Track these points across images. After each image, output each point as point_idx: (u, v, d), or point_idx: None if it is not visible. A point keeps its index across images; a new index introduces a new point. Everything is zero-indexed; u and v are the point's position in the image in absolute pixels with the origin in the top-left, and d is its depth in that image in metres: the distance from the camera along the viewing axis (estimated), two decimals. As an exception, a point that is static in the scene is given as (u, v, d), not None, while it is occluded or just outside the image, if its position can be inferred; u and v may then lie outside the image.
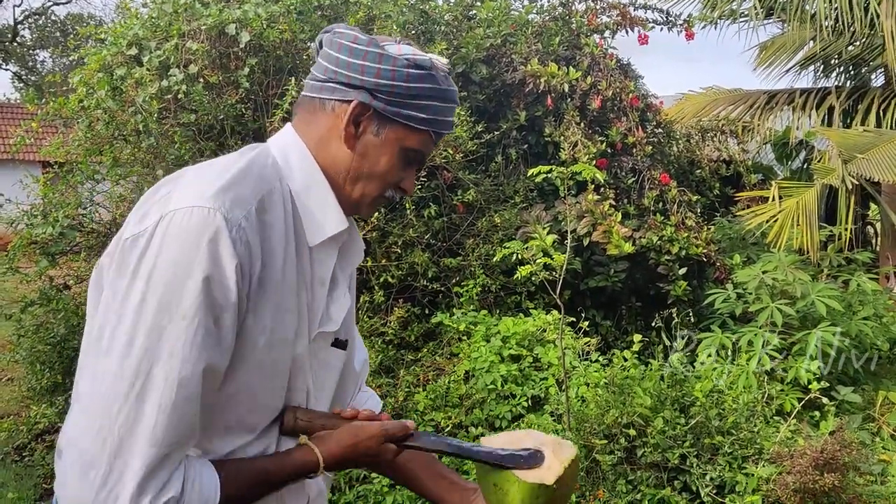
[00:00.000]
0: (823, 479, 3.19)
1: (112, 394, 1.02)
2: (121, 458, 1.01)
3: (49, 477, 4.43)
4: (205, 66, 4.61)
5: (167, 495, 1.03)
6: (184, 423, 1.05)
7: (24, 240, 4.70)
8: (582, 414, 3.71)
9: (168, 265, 1.05)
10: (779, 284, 4.74)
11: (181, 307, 1.04)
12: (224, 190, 1.11)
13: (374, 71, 1.21)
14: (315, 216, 1.24)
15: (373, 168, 1.26)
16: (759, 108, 8.32)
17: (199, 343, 1.04)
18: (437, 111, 1.27)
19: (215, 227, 1.06)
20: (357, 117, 1.23)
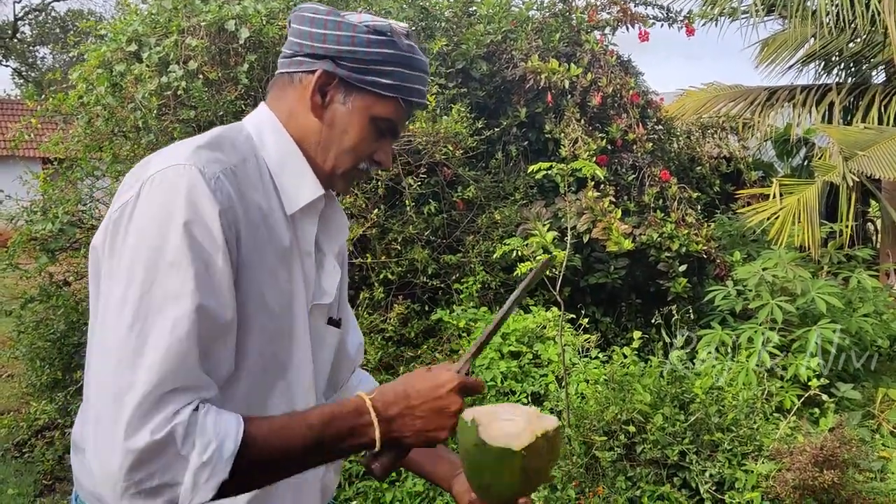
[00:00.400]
0: (823, 476, 3.19)
1: (113, 346, 1.04)
2: (122, 403, 1.01)
3: (48, 473, 4.44)
4: (204, 62, 4.61)
5: (173, 422, 1.02)
6: (186, 365, 1.05)
7: (24, 236, 4.71)
8: (581, 411, 3.71)
9: (151, 219, 1.08)
10: (779, 281, 4.73)
11: (168, 255, 1.06)
12: (198, 150, 1.15)
13: (335, 38, 1.24)
14: (291, 185, 1.26)
15: (342, 137, 1.28)
16: (759, 105, 8.31)
17: (189, 288, 1.06)
18: (402, 77, 1.27)
19: (192, 178, 1.10)
20: (323, 86, 1.26)
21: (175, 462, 1.01)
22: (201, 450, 1.03)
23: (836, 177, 6.15)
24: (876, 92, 8.03)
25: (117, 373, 1.03)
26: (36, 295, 4.95)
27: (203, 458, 1.02)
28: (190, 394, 1.05)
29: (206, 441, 1.03)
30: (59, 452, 4.51)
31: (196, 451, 1.02)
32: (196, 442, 1.03)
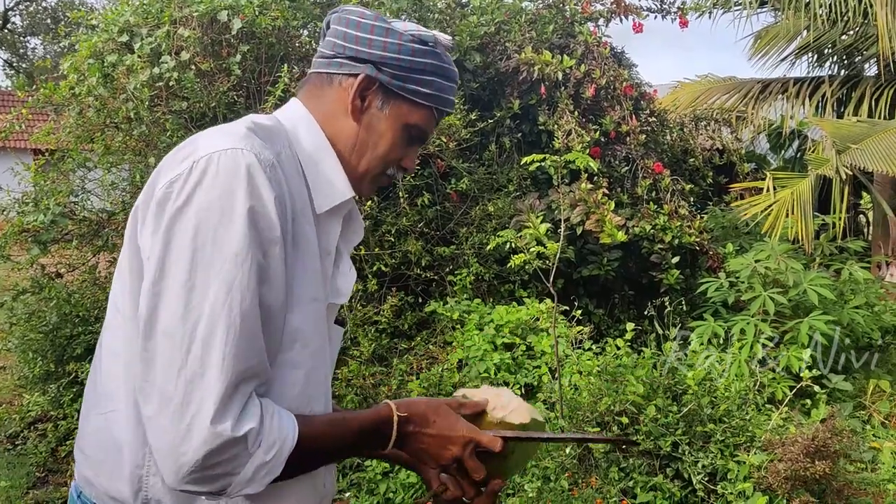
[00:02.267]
0: (814, 467, 3.20)
1: (180, 331, 1.05)
2: (196, 389, 1.03)
3: (41, 465, 4.43)
4: (196, 53, 4.58)
5: (249, 424, 1.06)
6: (252, 355, 1.08)
7: (16, 228, 4.68)
8: (575, 402, 3.72)
9: (211, 204, 1.07)
10: (771, 273, 4.75)
11: (232, 242, 1.06)
12: (250, 135, 1.15)
13: (381, 44, 1.25)
14: (323, 183, 1.26)
15: (377, 142, 1.29)
16: (753, 98, 8.32)
17: (254, 278, 1.07)
18: (439, 88, 1.30)
19: (249, 163, 1.10)
20: (363, 91, 1.27)
21: (242, 457, 1.06)
22: (266, 449, 1.08)
23: (830, 170, 6.17)
24: (868, 85, 8.05)
25: (189, 360, 1.04)
26: (28, 287, 4.93)
27: (267, 457, 1.08)
28: (255, 380, 1.10)
29: (271, 442, 1.08)
30: (51, 444, 4.50)
31: (262, 450, 1.07)
32: (263, 442, 1.08)
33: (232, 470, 1.06)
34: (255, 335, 1.08)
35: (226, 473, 1.06)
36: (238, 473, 1.06)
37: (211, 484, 1.06)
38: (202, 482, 1.05)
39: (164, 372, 1.05)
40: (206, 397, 1.03)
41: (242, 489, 1.08)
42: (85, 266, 5.30)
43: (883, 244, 7.56)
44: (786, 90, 8.36)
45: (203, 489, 1.07)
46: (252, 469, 1.07)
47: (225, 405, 1.04)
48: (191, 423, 1.02)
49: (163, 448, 1.05)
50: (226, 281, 1.05)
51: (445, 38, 1.32)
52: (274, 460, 1.09)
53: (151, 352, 1.07)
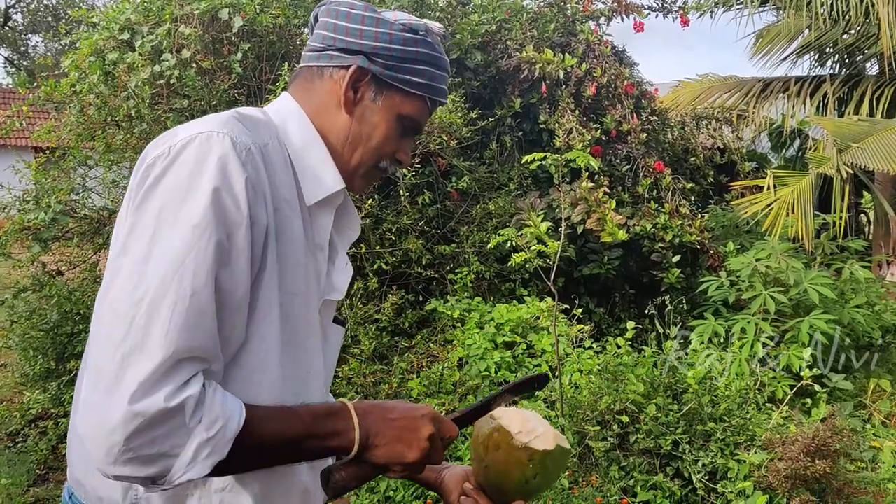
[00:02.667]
0: (815, 466, 3.21)
1: (125, 304, 1.00)
2: (130, 363, 0.97)
3: (42, 462, 4.44)
4: (197, 51, 4.59)
5: (185, 393, 0.99)
6: (199, 334, 1.02)
7: (17, 225, 4.69)
8: (575, 401, 3.72)
9: (179, 181, 1.05)
10: (772, 272, 4.75)
11: (192, 217, 1.03)
12: (228, 121, 1.13)
13: (372, 35, 1.24)
14: (312, 175, 1.24)
15: (370, 134, 1.28)
16: (754, 97, 8.31)
17: (210, 254, 1.03)
18: (431, 77, 1.29)
19: (224, 145, 1.08)
20: (355, 82, 1.25)
21: (179, 433, 0.99)
22: (207, 425, 1.01)
23: (830, 168, 6.16)
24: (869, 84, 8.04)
25: (131, 331, 0.99)
26: (28, 285, 4.93)
27: (209, 433, 1.01)
28: (200, 363, 1.04)
29: (213, 417, 1.02)
30: (52, 442, 4.51)
31: (202, 425, 1.00)
32: (203, 417, 1.01)
33: (169, 449, 0.98)
34: (206, 314, 1.02)
35: (162, 454, 0.98)
36: (177, 455, 0.99)
37: (147, 466, 0.98)
38: (136, 464, 0.97)
39: (103, 347, 1.00)
40: (141, 369, 0.97)
41: (184, 473, 1.00)
42: (86, 264, 5.30)
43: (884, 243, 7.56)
44: (787, 89, 8.35)
45: (139, 473, 0.98)
46: (193, 448, 0.99)
47: (160, 378, 0.97)
48: (119, 398, 0.95)
49: (91, 427, 0.97)
50: (178, 254, 1.01)
51: (437, 27, 1.31)
52: (218, 437, 1.01)
53: (97, 327, 1.03)
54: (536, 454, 1.31)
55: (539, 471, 1.32)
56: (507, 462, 1.33)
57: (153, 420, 0.96)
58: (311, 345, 1.24)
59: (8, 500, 4.05)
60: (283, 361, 1.17)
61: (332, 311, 1.35)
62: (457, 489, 1.43)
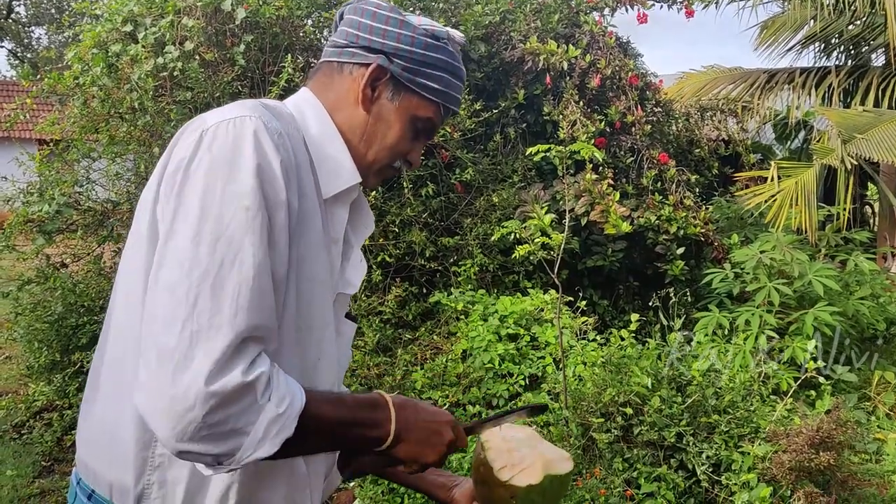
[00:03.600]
0: (819, 458, 3.21)
1: (186, 284, 1.01)
2: (201, 340, 0.98)
3: (47, 454, 4.46)
4: (200, 43, 4.58)
5: (258, 369, 1.01)
6: (263, 312, 1.04)
7: (21, 218, 4.69)
8: (579, 393, 3.72)
9: (219, 164, 1.06)
10: (776, 264, 4.74)
11: (241, 197, 1.04)
12: (256, 108, 1.14)
13: (395, 36, 1.26)
14: (330, 168, 1.26)
15: (385, 132, 1.30)
16: (759, 88, 8.28)
17: (265, 235, 1.05)
18: (447, 84, 1.31)
19: (256, 127, 1.09)
20: (374, 80, 1.27)
21: (252, 409, 1.00)
22: (277, 402, 1.02)
23: (835, 160, 6.14)
24: (875, 75, 8.01)
25: (196, 311, 0.99)
26: (33, 277, 4.94)
27: (279, 409, 1.02)
28: (263, 343, 1.05)
29: (281, 394, 1.03)
30: (57, 434, 4.52)
31: (273, 402, 1.02)
32: (273, 394, 1.02)
33: (243, 426, 0.99)
34: (266, 294, 1.04)
35: (235, 430, 0.99)
36: (249, 432, 1.00)
37: (220, 443, 0.99)
38: (210, 441, 0.98)
39: (165, 327, 0.99)
40: (214, 348, 0.98)
41: (254, 451, 1.01)
42: (90, 256, 5.31)
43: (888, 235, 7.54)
44: (792, 80, 8.32)
45: (211, 450, 0.99)
46: (264, 424, 1.01)
47: (234, 355, 0.99)
48: (194, 377, 0.96)
49: (160, 407, 0.97)
50: (236, 234, 1.02)
51: (459, 36, 1.33)
52: (287, 413, 1.03)
53: (152, 309, 1.03)
54: (519, 491, 1.28)
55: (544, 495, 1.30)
56: (492, 497, 1.33)
57: (230, 396, 0.98)
58: (324, 335, 1.25)
59: (13, 491, 4.07)
60: (296, 349, 1.18)
61: (346, 306, 1.36)
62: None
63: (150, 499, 1.15)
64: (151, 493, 1.15)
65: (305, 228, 1.16)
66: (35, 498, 4.05)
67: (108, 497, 1.19)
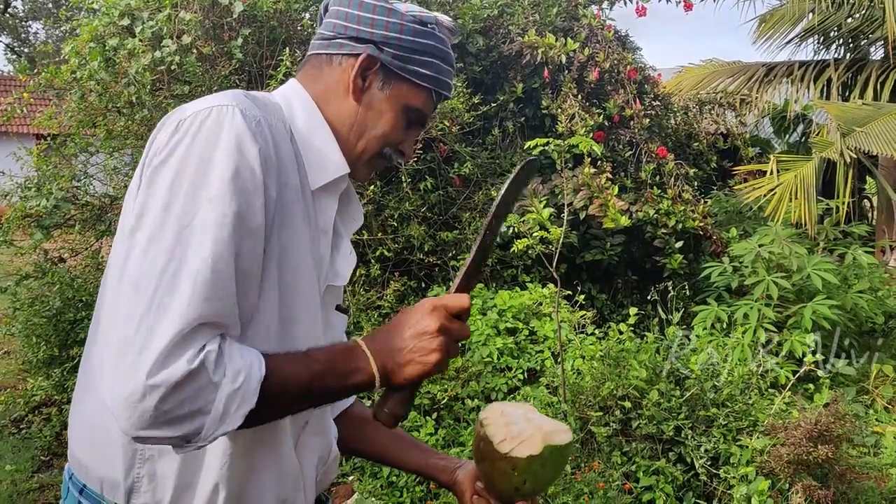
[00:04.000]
0: (817, 451, 3.21)
1: (146, 277, 1.01)
2: (156, 333, 0.98)
3: (46, 449, 4.46)
4: (198, 36, 4.56)
5: (205, 351, 1.00)
6: (220, 300, 1.03)
7: (19, 212, 4.69)
8: (577, 386, 3.73)
9: (192, 155, 1.05)
10: (775, 258, 4.74)
11: (209, 190, 1.04)
12: (236, 96, 1.14)
13: (383, 24, 1.25)
14: (317, 158, 1.25)
15: (376, 122, 1.29)
16: (757, 81, 8.28)
17: (230, 223, 1.04)
18: (438, 70, 1.30)
19: (234, 117, 1.08)
20: (364, 70, 1.27)
21: (206, 389, 1.00)
22: (232, 377, 1.02)
23: (834, 153, 6.14)
24: (874, 68, 8.00)
25: (153, 302, 0.99)
26: (31, 272, 4.94)
27: (235, 384, 1.02)
28: (219, 328, 1.04)
29: (236, 368, 1.03)
30: (56, 428, 4.53)
31: (227, 378, 1.01)
32: (227, 370, 1.02)
33: (201, 407, 0.99)
34: (227, 281, 1.04)
35: (195, 412, 0.99)
36: (209, 410, 1.00)
37: (180, 426, 0.99)
38: (170, 425, 0.98)
39: (126, 319, 1.00)
40: (161, 337, 0.98)
41: (218, 427, 1.01)
42: (88, 251, 5.30)
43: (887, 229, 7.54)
44: (791, 74, 8.31)
45: (173, 433, 0.99)
46: (223, 400, 1.00)
47: (182, 343, 0.98)
48: (145, 369, 0.96)
49: (119, 397, 0.98)
50: (198, 224, 1.02)
51: (447, 20, 1.33)
52: (244, 387, 1.02)
53: (117, 302, 1.03)
54: (520, 462, 1.29)
55: (527, 476, 1.31)
56: (493, 472, 1.33)
57: (180, 383, 0.97)
58: (310, 326, 1.24)
59: (13, 486, 4.08)
60: (281, 340, 1.17)
61: (337, 298, 1.36)
62: (470, 488, 1.45)
63: (141, 492, 1.15)
64: (141, 487, 1.15)
65: (287, 218, 1.16)
66: (34, 492, 4.05)
67: (98, 491, 1.19)
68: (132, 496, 1.15)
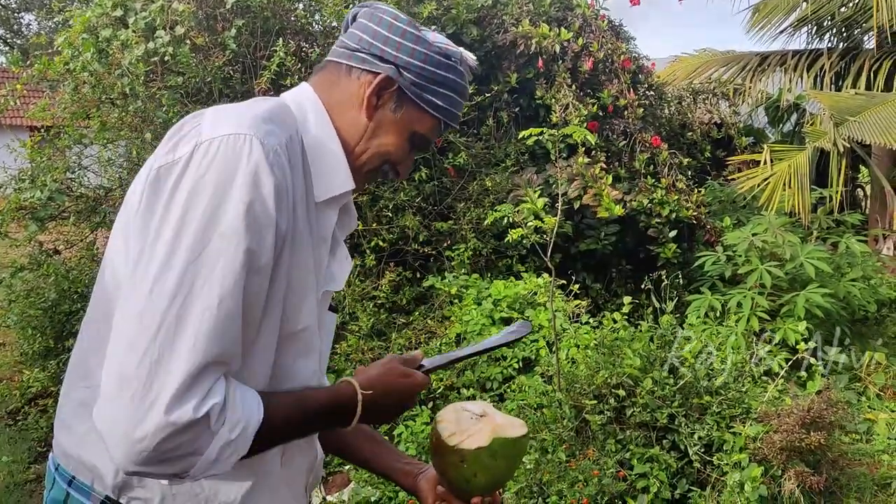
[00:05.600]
0: (810, 438, 3.24)
1: (151, 311, 1.01)
2: (160, 372, 0.99)
3: (42, 440, 4.47)
4: (191, 27, 4.55)
5: (211, 401, 1.01)
6: (226, 340, 1.04)
7: (13, 205, 4.68)
8: (572, 375, 3.75)
9: (207, 187, 1.05)
10: (768, 247, 4.76)
11: (221, 226, 1.04)
12: (256, 120, 1.13)
13: (409, 51, 1.27)
14: (325, 171, 1.26)
15: (383, 141, 1.31)
16: (751, 71, 8.27)
17: (240, 261, 1.04)
18: (451, 102, 1.33)
19: (252, 151, 1.07)
20: (381, 89, 1.27)
21: (204, 436, 1.02)
22: (230, 427, 1.04)
23: (827, 142, 6.15)
24: (867, 57, 8.00)
25: (157, 339, 1.00)
26: (26, 264, 4.94)
27: (232, 435, 1.04)
28: (224, 367, 1.06)
29: (235, 419, 1.05)
30: (52, 420, 4.51)
31: (226, 427, 1.04)
32: (227, 419, 1.04)
33: (195, 450, 1.02)
34: (233, 320, 1.04)
35: (188, 454, 1.01)
36: (202, 453, 1.02)
37: (172, 465, 1.01)
38: (161, 464, 1.01)
39: (128, 353, 1.00)
40: (169, 381, 0.99)
41: (207, 470, 1.04)
42: (83, 242, 5.30)
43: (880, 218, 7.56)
44: (784, 63, 8.31)
45: (164, 471, 1.02)
46: (217, 449, 1.03)
47: (188, 388, 0.99)
48: (149, 408, 0.97)
49: (117, 431, 0.99)
50: (208, 261, 1.02)
51: (471, 59, 1.35)
52: (239, 439, 1.05)
53: (120, 328, 1.03)
54: (468, 454, 1.33)
55: (477, 469, 1.34)
56: (444, 465, 1.38)
57: (180, 430, 0.99)
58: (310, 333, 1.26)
59: (9, 477, 4.09)
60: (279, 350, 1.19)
61: (328, 300, 1.37)
62: (431, 493, 1.48)
63: (134, 486, 1.17)
64: (133, 481, 1.16)
65: (297, 247, 1.17)
66: (31, 483, 4.07)
67: (89, 483, 1.20)
68: (124, 490, 1.17)
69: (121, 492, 1.17)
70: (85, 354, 1.24)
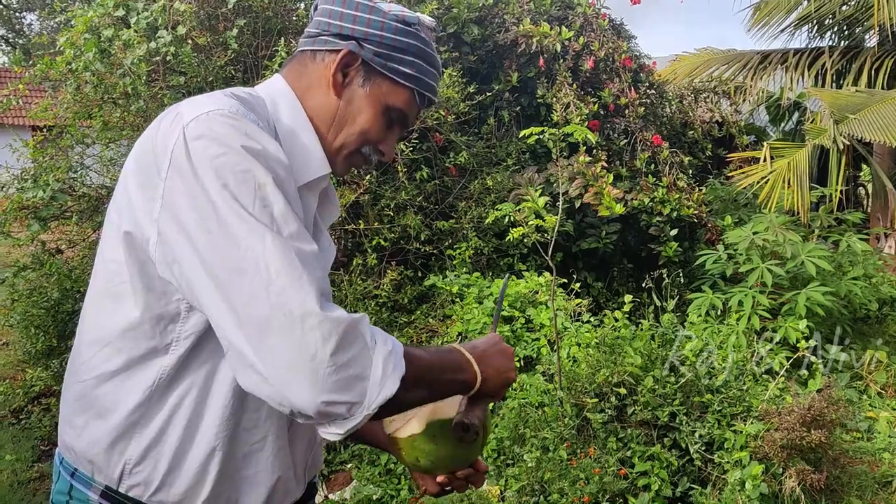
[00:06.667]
0: (811, 436, 3.24)
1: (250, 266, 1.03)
2: (291, 294, 1.01)
3: (45, 439, 4.48)
4: (193, 27, 4.56)
5: (355, 315, 1.04)
6: (320, 272, 1.08)
7: (16, 204, 4.69)
8: (573, 374, 3.76)
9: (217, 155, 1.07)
10: (769, 245, 4.76)
11: (253, 177, 1.07)
12: (230, 98, 1.16)
13: (365, 21, 1.27)
14: (300, 156, 1.27)
15: (355, 118, 1.31)
16: (752, 69, 8.28)
17: (282, 201, 1.08)
18: (420, 70, 1.31)
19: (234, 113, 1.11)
20: (345, 66, 1.28)
21: (365, 353, 1.04)
22: (383, 341, 1.07)
23: (827, 140, 6.15)
24: (868, 55, 8.00)
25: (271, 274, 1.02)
26: (29, 263, 4.94)
27: (387, 347, 1.07)
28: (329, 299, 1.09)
29: (382, 334, 1.08)
30: (55, 419, 4.54)
31: (379, 342, 1.06)
32: (376, 335, 1.07)
33: (362, 371, 1.03)
34: (314, 251, 1.08)
35: (357, 377, 1.02)
36: (368, 375, 1.03)
37: (350, 390, 1.02)
38: (342, 388, 1.01)
39: (248, 303, 1.02)
40: (306, 297, 1.01)
41: (379, 393, 1.04)
42: (85, 242, 5.31)
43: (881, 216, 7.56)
44: (785, 61, 8.32)
45: (344, 397, 1.01)
46: (381, 363, 1.04)
47: (324, 304, 1.02)
48: (304, 322, 1.00)
49: (285, 367, 1.00)
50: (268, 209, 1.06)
51: (429, 21, 1.34)
52: (395, 350, 1.07)
53: (221, 304, 1.04)
54: (401, 441, 1.36)
55: (417, 454, 1.36)
56: (393, 452, 1.42)
57: (346, 334, 1.01)
58: None
59: (13, 476, 4.10)
60: None
61: None
62: None
63: (132, 473, 1.18)
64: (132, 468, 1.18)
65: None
66: (35, 482, 4.08)
67: (89, 474, 1.22)
68: (123, 478, 1.18)
69: (119, 481, 1.18)
70: (78, 349, 1.27)
